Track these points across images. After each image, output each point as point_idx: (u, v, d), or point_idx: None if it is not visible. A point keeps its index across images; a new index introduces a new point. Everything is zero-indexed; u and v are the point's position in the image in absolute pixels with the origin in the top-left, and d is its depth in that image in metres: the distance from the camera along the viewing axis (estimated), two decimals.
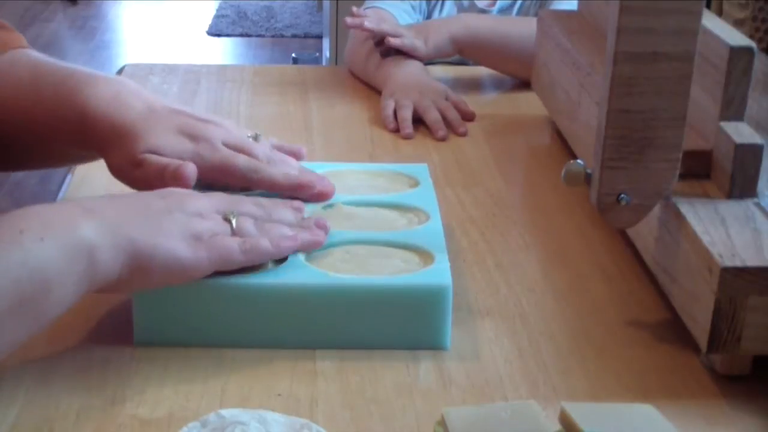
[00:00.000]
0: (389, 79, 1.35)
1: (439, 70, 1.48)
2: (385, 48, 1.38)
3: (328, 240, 0.85)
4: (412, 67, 1.37)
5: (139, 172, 0.88)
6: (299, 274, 0.81)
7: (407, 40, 1.38)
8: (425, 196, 0.95)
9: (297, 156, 0.97)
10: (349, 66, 1.49)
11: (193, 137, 0.89)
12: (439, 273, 0.81)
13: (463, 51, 1.43)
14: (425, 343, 0.81)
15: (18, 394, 0.74)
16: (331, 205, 0.92)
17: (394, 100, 1.29)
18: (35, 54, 0.98)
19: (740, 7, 1.99)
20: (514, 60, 1.40)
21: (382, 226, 0.90)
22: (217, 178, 0.89)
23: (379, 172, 1.00)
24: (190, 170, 0.86)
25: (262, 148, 0.92)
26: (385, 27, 1.40)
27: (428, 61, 1.43)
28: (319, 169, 1.00)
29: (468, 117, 1.29)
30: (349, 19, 1.40)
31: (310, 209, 0.91)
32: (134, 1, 4.95)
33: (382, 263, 0.83)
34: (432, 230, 0.88)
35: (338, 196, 0.94)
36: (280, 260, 0.82)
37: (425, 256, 0.84)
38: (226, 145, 0.90)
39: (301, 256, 0.83)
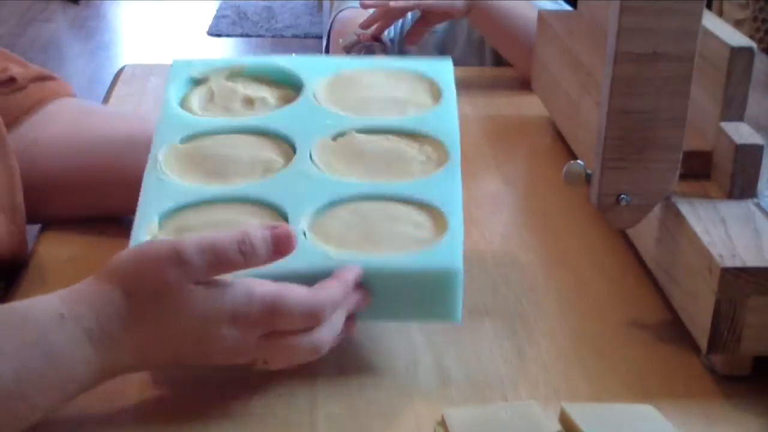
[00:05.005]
0: None
1: None
2: (360, 47, 1.34)
3: (338, 192, 0.80)
4: None
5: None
6: (301, 255, 0.74)
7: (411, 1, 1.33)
8: (446, 118, 0.87)
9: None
10: None
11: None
12: (448, 252, 0.75)
13: (474, 16, 1.38)
14: (436, 318, 0.77)
15: None
16: (343, 134, 0.86)
17: None
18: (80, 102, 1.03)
19: (740, 7, 1.98)
20: (519, 44, 1.37)
21: (394, 167, 0.83)
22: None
23: (399, 73, 0.92)
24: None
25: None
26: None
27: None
28: (334, 68, 0.92)
29: None
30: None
31: (320, 137, 0.85)
32: (134, 1, 4.95)
33: (391, 230, 0.78)
34: (448, 179, 0.82)
35: (352, 120, 0.87)
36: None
37: (438, 217, 0.79)
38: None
39: (303, 224, 0.77)
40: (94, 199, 0.97)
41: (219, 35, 4.51)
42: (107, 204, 0.97)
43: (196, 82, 0.92)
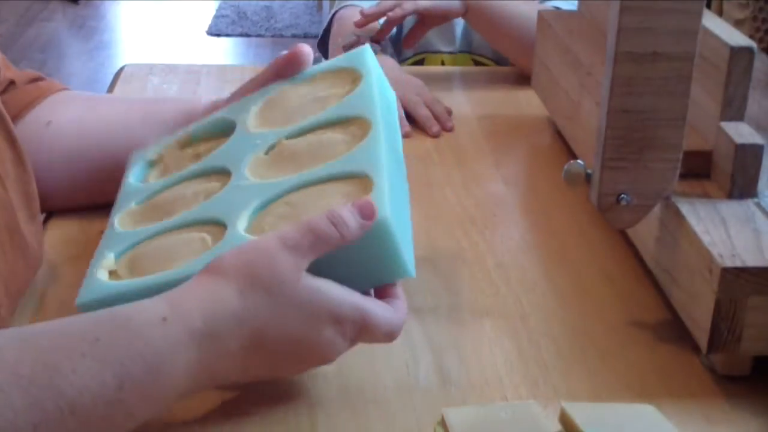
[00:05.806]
0: None
1: (439, 70, 1.47)
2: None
3: (269, 192, 0.79)
4: (386, 63, 1.32)
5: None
6: None
7: (407, 5, 1.35)
8: (365, 96, 0.85)
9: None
10: None
11: None
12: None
13: (471, 16, 1.39)
14: (390, 276, 0.75)
15: None
16: (273, 146, 0.85)
17: None
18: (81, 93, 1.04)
19: (740, 7, 1.98)
20: (517, 42, 1.38)
21: (324, 154, 0.81)
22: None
23: (319, 76, 0.92)
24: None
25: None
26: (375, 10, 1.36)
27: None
28: (262, 97, 0.92)
29: (447, 110, 1.28)
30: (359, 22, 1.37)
31: (250, 159, 0.84)
32: (134, 0, 4.95)
33: (322, 208, 0.74)
34: (371, 146, 0.79)
35: (279, 131, 0.86)
36: None
37: (365, 183, 0.76)
38: None
39: (240, 227, 0.76)
40: (107, 183, 0.96)
41: (218, 35, 4.52)
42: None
43: (153, 163, 0.94)
